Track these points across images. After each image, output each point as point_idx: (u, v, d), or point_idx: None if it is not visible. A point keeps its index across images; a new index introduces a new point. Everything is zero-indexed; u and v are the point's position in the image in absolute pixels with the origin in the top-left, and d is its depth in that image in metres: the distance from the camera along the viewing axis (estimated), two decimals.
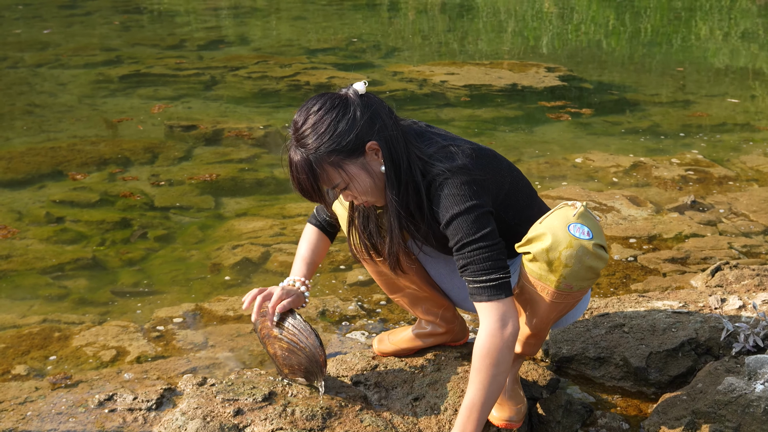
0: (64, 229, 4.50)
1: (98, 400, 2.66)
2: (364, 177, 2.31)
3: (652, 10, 13.23)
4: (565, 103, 7.29)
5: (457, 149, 2.35)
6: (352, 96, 2.30)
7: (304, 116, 2.28)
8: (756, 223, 4.54)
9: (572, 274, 2.31)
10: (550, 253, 2.30)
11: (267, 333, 2.61)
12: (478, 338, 2.32)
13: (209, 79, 8.09)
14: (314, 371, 2.57)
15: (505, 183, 2.41)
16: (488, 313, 2.30)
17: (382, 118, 2.30)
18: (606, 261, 2.34)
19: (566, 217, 2.31)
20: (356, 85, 2.32)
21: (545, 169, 5.50)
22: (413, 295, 2.79)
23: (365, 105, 2.29)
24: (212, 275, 3.99)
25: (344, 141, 2.25)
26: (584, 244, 2.29)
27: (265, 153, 5.84)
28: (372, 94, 2.34)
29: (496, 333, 2.28)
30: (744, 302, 3.19)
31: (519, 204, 2.44)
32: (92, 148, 5.83)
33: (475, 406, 2.30)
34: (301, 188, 2.32)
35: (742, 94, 7.90)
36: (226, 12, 13.10)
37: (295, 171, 2.30)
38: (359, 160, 2.29)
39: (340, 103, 2.27)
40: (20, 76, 8.17)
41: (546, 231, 2.31)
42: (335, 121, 2.25)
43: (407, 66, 8.67)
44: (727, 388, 2.47)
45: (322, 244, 2.74)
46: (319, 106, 2.27)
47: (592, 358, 2.96)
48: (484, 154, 2.40)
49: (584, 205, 2.34)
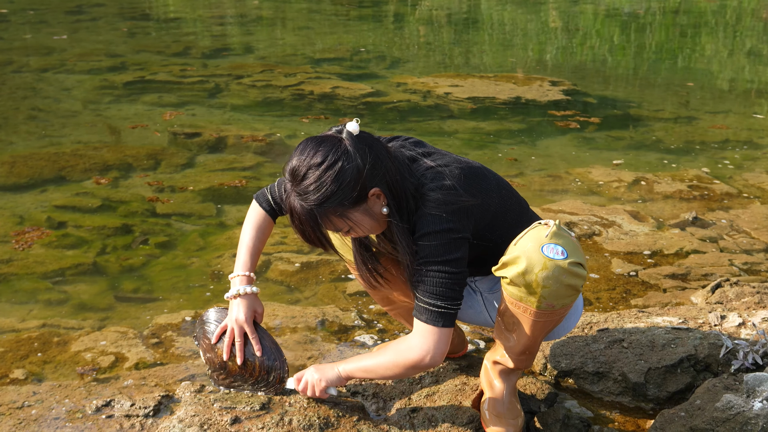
0: (65, 234, 4.50)
1: (96, 406, 2.66)
2: (367, 220, 2.30)
3: (657, 26, 13.26)
4: (574, 112, 7.29)
5: (445, 169, 2.34)
6: (348, 142, 2.23)
7: (305, 168, 2.22)
8: (757, 240, 4.54)
9: (551, 294, 2.31)
10: (527, 276, 2.30)
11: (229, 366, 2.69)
12: (405, 340, 2.39)
13: (214, 86, 8.10)
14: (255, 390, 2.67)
15: (492, 204, 2.39)
16: (420, 334, 2.35)
17: (383, 163, 2.27)
18: (584, 277, 2.34)
19: (539, 239, 2.31)
20: (350, 126, 2.27)
21: (547, 183, 5.50)
22: (408, 308, 2.80)
23: (364, 152, 2.23)
24: (212, 283, 3.99)
25: (348, 195, 2.22)
26: (559, 264, 2.28)
27: (269, 161, 5.85)
28: (366, 133, 2.29)
29: (417, 353, 2.34)
30: (744, 320, 3.18)
31: (507, 224, 2.43)
32: (95, 154, 5.84)
33: (369, 370, 2.46)
34: (305, 237, 2.31)
35: (745, 111, 7.90)
36: (232, 20, 13.13)
37: (297, 221, 2.28)
38: (362, 207, 2.27)
39: (342, 155, 2.21)
40: (25, 81, 8.19)
41: (520, 254, 2.30)
42: (339, 175, 2.20)
43: (411, 77, 8.68)
44: (726, 406, 2.47)
45: (268, 229, 2.72)
46: (321, 159, 2.20)
47: (591, 372, 2.95)
48: (473, 174, 2.38)
49: (557, 224, 2.33)
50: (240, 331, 2.61)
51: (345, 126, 2.27)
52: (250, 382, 2.64)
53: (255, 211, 2.70)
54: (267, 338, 2.66)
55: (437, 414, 2.63)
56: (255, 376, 2.63)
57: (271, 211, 2.69)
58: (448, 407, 2.65)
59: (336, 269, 4.06)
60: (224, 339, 2.65)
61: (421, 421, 2.61)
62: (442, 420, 2.60)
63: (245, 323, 2.61)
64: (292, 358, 3.16)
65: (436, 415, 2.62)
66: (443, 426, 2.58)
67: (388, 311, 2.91)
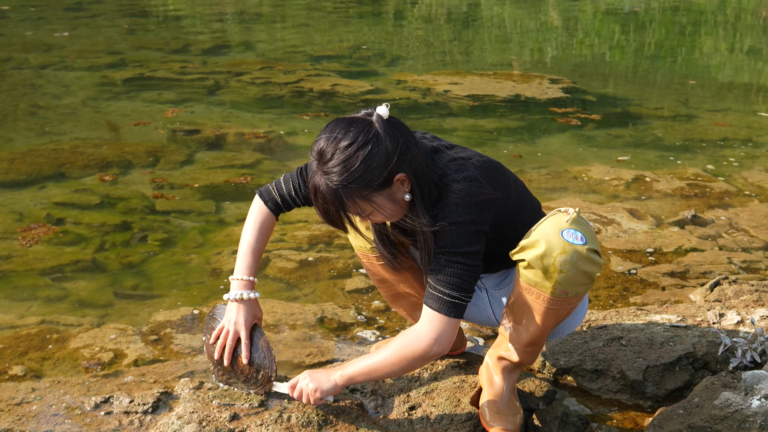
0: (64, 231, 4.50)
1: (94, 403, 2.66)
2: (389, 205, 2.30)
3: (657, 24, 13.25)
4: (575, 109, 7.29)
5: (468, 162, 2.35)
6: (378, 125, 2.23)
7: (333, 149, 2.21)
8: (756, 238, 4.54)
9: (567, 279, 2.32)
10: (545, 260, 2.31)
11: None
12: (411, 330, 2.36)
13: (213, 83, 8.10)
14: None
15: (511, 199, 2.42)
16: (429, 322, 2.34)
17: (411, 149, 2.27)
18: (600, 266, 2.36)
19: (559, 224, 2.32)
20: (380, 109, 2.27)
21: (546, 181, 5.50)
22: (414, 303, 2.80)
23: (394, 137, 2.23)
24: (211, 280, 3.99)
25: (376, 178, 2.22)
26: (578, 249, 2.30)
27: (267, 159, 5.85)
28: (395, 118, 2.29)
29: (425, 341, 2.33)
30: (742, 317, 3.18)
31: (522, 220, 2.45)
32: (94, 151, 5.84)
33: (371, 371, 2.41)
34: (328, 217, 2.30)
35: (745, 109, 7.90)
36: (232, 17, 13.13)
37: (322, 200, 2.27)
38: (386, 191, 2.27)
39: (372, 138, 2.21)
40: (24, 78, 8.19)
41: (540, 237, 2.32)
42: (368, 158, 2.20)
43: (411, 75, 8.68)
44: (724, 403, 2.47)
45: (271, 228, 2.69)
46: (350, 141, 2.20)
47: (590, 370, 2.96)
48: (494, 168, 2.41)
49: (577, 211, 2.35)
50: (234, 336, 2.61)
51: (375, 109, 2.28)
52: (242, 379, 2.64)
53: (258, 208, 2.67)
54: (261, 339, 2.65)
55: (436, 411, 2.63)
56: (246, 374, 2.63)
57: (275, 208, 2.66)
58: (446, 404, 2.66)
59: (335, 266, 4.06)
60: (219, 340, 2.66)
61: (420, 418, 2.61)
62: (440, 417, 2.60)
63: (242, 328, 2.60)
64: (291, 355, 3.16)
65: (435, 412, 2.63)
66: (442, 423, 2.59)
67: (393, 306, 2.91)
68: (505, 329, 2.56)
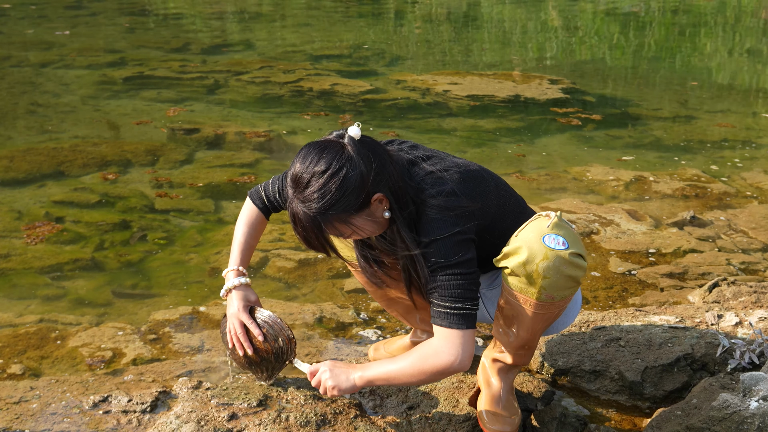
0: (63, 230, 4.50)
1: (93, 402, 2.66)
2: (369, 224, 2.29)
3: (657, 25, 13.26)
4: (576, 110, 7.30)
5: (444, 174, 2.34)
6: (351, 148, 2.21)
7: (309, 176, 2.19)
8: (755, 240, 4.54)
9: (552, 285, 2.31)
10: (528, 266, 2.30)
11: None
12: (429, 344, 2.33)
13: (213, 82, 8.10)
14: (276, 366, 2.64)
15: (491, 206, 2.39)
16: (444, 338, 2.30)
17: (386, 168, 2.25)
18: (584, 268, 2.35)
19: (540, 229, 2.32)
20: (351, 130, 2.24)
21: (545, 181, 5.50)
22: (407, 306, 2.81)
23: (368, 158, 2.21)
24: (210, 279, 3.99)
25: (353, 202, 2.20)
26: (560, 254, 2.29)
27: (267, 158, 5.85)
28: (368, 137, 2.27)
29: (444, 358, 2.30)
30: (741, 319, 3.19)
31: (505, 225, 2.43)
32: (94, 149, 5.84)
33: (391, 378, 2.38)
34: (308, 243, 2.30)
35: (744, 110, 7.90)
36: (232, 16, 13.12)
37: (301, 228, 2.26)
38: (365, 212, 2.25)
39: (346, 161, 2.18)
40: (24, 76, 8.19)
41: (521, 244, 2.31)
42: (343, 183, 2.17)
43: (411, 75, 8.68)
44: (722, 405, 2.47)
45: (261, 227, 2.71)
46: (325, 166, 2.18)
47: (588, 371, 2.96)
48: (472, 178, 2.38)
49: (558, 215, 2.34)
50: (240, 324, 2.61)
51: (346, 131, 2.25)
52: (273, 358, 2.62)
53: (248, 208, 2.71)
54: (264, 314, 2.63)
55: (434, 411, 2.63)
56: (270, 350, 2.60)
57: (264, 208, 2.69)
58: (444, 405, 2.66)
59: (334, 266, 4.06)
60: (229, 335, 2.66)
61: (418, 418, 2.61)
62: (438, 417, 2.61)
63: (241, 314, 2.60)
64: None
65: (433, 412, 2.63)
66: (440, 423, 2.59)
67: (388, 310, 2.91)
68: (497, 332, 2.56)
